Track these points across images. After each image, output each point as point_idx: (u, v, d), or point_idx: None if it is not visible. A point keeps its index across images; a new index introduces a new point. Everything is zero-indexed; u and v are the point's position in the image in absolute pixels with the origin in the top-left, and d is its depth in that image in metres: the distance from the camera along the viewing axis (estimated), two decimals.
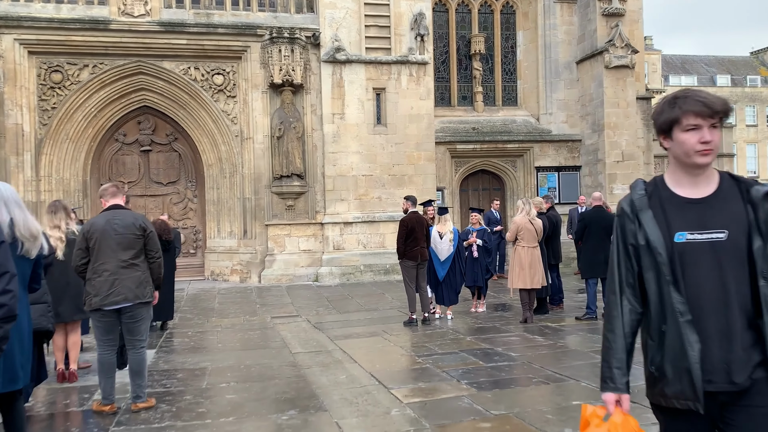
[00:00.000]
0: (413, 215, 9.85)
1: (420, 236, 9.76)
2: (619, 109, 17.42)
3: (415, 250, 9.73)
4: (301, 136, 16.20)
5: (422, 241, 9.79)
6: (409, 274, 9.81)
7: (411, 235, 9.72)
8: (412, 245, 9.72)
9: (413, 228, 9.72)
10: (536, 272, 9.36)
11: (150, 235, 5.68)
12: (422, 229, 9.83)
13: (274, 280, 15.88)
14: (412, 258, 9.74)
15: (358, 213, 16.26)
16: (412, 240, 9.73)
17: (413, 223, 9.74)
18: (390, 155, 16.45)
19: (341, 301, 12.87)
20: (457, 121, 18.44)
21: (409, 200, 10.05)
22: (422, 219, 9.96)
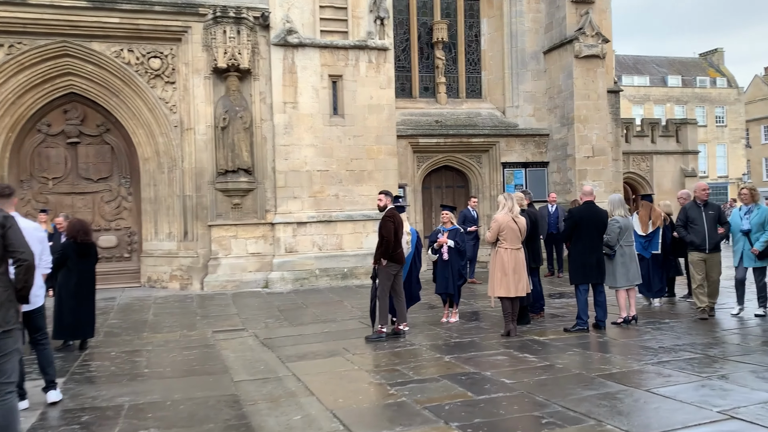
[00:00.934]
0: (396, 212, 8.52)
1: (401, 237, 8.45)
2: (589, 102, 16.44)
3: (400, 252, 8.41)
4: (249, 126, 14.64)
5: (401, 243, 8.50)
6: (390, 280, 8.45)
7: (396, 234, 8.38)
8: (396, 246, 8.38)
9: (398, 227, 8.39)
10: (521, 278, 8.11)
11: (10, 231, 4.15)
12: (401, 228, 8.51)
13: (219, 287, 14.28)
14: (398, 261, 8.42)
15: (312, 212, 14.80)
16: (396, 240, 8.40)
17: (398, 220, 8.42)
18: (348, 149, 15.04)
19: (294, 311, 11.40)
20: (419, 114, 17.16)
21: (388, 195, 8.69)
22: (401, 218, 8.62)
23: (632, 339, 7.92)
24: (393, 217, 8.37)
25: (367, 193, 15.12)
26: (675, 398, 5.19)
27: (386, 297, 8.43)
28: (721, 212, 8.98)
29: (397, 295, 8.58)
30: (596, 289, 8.40)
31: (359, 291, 13.61)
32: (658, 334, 8.11)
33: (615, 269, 8.55)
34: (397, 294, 8.57)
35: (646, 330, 8.41)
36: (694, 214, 8.88)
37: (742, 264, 9.00)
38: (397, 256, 8.36)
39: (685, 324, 8.76)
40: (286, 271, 14.46)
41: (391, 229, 8.33)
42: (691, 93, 54.76)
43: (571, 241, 8.38)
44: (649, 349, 7.25)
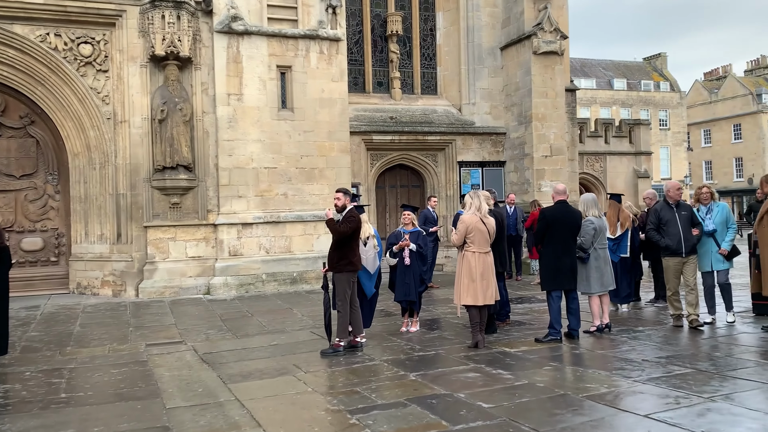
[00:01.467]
0: (357, 212, 7.66)
1: (358, 240, 7.63)
2: (547, 99, 15.97)
3: (358, 257, 7.58)
4: (190, 119, 13.54)
5: (359, 248, 7.67)
6: (349, 287, 7.60)
7: (356, 236, 7.54)
8: (354, 251, 7.54)
9: (358, 230, 7.56)
10: (489, 284, 7.39)
11: None
12: (359, 231, 7.69)
13: (156, 294, 13.12)
14: (357, 266, 7.60)
15: (259, 212, 13.81)
16: (356, 244, 7.57)
17: (359, 222, 7.59)
18: (298, 145, 14.10)
19: (239, 321, 10.42)
20: (373, 109, 16.36)
21: (347, 194, 7.80)
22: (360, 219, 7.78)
23: (611, 350, 7.29)
24: (355, 218, 7.53)
25: (318, 192, 14.23)
26: (682, 426, 4.52)
27: (346, 306, 7.57)
28: (693, 213, 8.44)
29: (352, 305, 7.74)
30: (569, 296, 7.76)
31: (310, 297, 12.70)
32: (637, 344, 7.51)
33: (589, 274, 7.93)
34: (353, 303, 7.73)
35: (622, 339, 7.81)
36: (666, 216, 8.25)
37: (712, 268, 8.52)
38: (355, 262, 7.53)
39: (660, 332, 8.20)
40: (229, 276, 13.43)
41: (348, 228, 7.48)
42: (636, 96, 55.78)
43: (543, 243, 7.70)
44: (633, 362, 6.63)
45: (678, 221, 8.12)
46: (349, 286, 7.51)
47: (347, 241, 7.49)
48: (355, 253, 7.48)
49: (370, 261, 8.27)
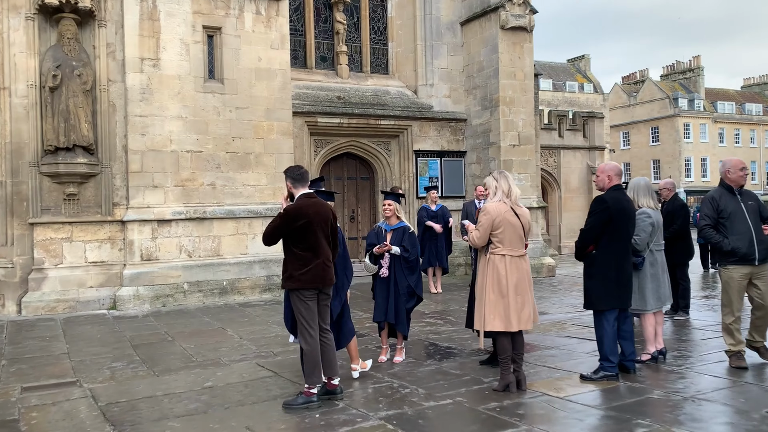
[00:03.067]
0: (308, 201, 5.26)
1: (320, 241, 5.21)
2: (515, 81, 14.09)
3: (314, 267, 5.16)
4: (91, 89, 10.72)
5: (324, 250, 5.24)
6: (308, 312, 5.21)
7: (303, 237, 5.15)
8: (307, 259, 5.15)
9: (308, 224, 5.14)
10: (526, 301, 5.25)
11: None
12: (326, 226, 5.28)
13: (45, 310, 10.24)
14: (309, 282, 5.15)
15: (180, 206, 11.15)
16: (305, 247, 5.16)
17: (309, 214, 5.15)
18: (228, 124, 11.53)
19: (156, 347, 7.83)
20: (317, 87, 13.97)
21: (297, 179, 5.37)
22: (326, 208, 5.37)
23: (690, 393, 5.29)
24: (297, 211, 5.19)
25: (254, 183, 11.71)
26: None
27: (308, 337, 5.20)
28: (761, 203, 6.45)
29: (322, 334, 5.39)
30: (620, 315, 5.71)
31: (246, 312, 10.20)
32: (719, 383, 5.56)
33: (643, 285, 5.92)
34: (322, 332, 5.38)
35: (692, 374, 5.85)
36: (729, 206, 6.06)
37: None
38: (309, 274, 5.15)
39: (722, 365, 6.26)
40: (142, 286, 10.70)
41: (280, 231, 5.23)
42: (561, 97, 55.69)
43: (598, 244, 5.58)
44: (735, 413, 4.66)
45: (746, 214, 6.09)
46: (306, 308, 5.17)
47: (288, 245, 5.21)
48: (302, 263, 5.14)
49: None
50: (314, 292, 5.17)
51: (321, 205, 5.27)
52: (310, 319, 5.15)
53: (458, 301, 10.86)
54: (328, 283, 5.24)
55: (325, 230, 5.21)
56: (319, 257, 5.12)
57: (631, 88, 66.35)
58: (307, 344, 5.16)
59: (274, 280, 11.66)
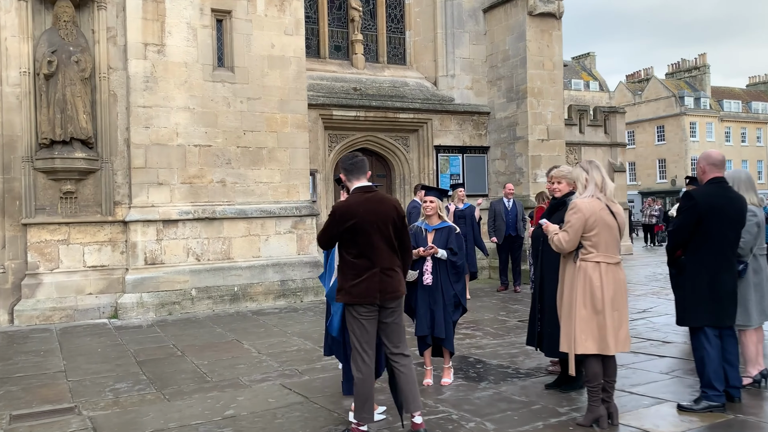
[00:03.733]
0: (360, 197, 4.32)
1: (376, 245, 4.25)
2: (544, 71, 13.20)
3: (368, 278, 4.22)
4: (90, 77, 9.81)
5: (383, 257, 4.28)
6: (361, 333, 4.28)
7: (354, 241, 4.22)
8: (361, 268, 4.22)
9: (358, 225, 4.20)
10: (623, 318, 4.34)
11: None
12: (386, 227, 4.31)
13: (40, 319, 9.33)
14: (361, 296, 4.21)
15: (187, 205, 10.24)
16: (357, 253, 4.22)
17: (358, 213, 4.21)
18: (239, 116, 10.63)
19: (164, 363, 6.92)
20: (331, 78, 13.06)
21: (350, 169, 4.42)
22: (386, 205, 4.39)
23: None
24: (346, 210, 4.26)
25: (266, 180, 10.80)
26: None
27: (367, 367, 4.26)
28: None
29: (391, 361, 4.44)
30: (722, 333, 4.80)
31: (260, 321, 9.29)
32: None
33: (746, 295, 5.02)
34: (391, 358, 4.43)
35: None
36: None
37: None
38: (360, 288, 4.20)
39: None
40: (146, 293, 9.79)
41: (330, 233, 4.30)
42: (566, 95, 54.81)
43: (687, 248, 4.69)
44: None
45: None
46: (358, 327, 4.24)
47: (340, 251, 4.38)
48: (353, 272, 4.21)
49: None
50: (371, 309, 4.22)
51: (378, 201, 4.31)
52: (363, 341, 4.23)
53: (490, 309, 9.97)
54: (389, 297, 4.25)
55: (385, 232, 4.24)
56: (374, 265, 4.18)
57: (636, 86, 65.57)
58: (358, 371, 4.24)
59: (289, 285, 10.75)
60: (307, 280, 10.96)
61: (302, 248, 11.06)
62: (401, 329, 4.37)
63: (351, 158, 4.42)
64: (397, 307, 4.33)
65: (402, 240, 4.36)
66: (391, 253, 4.28)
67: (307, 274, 10.98)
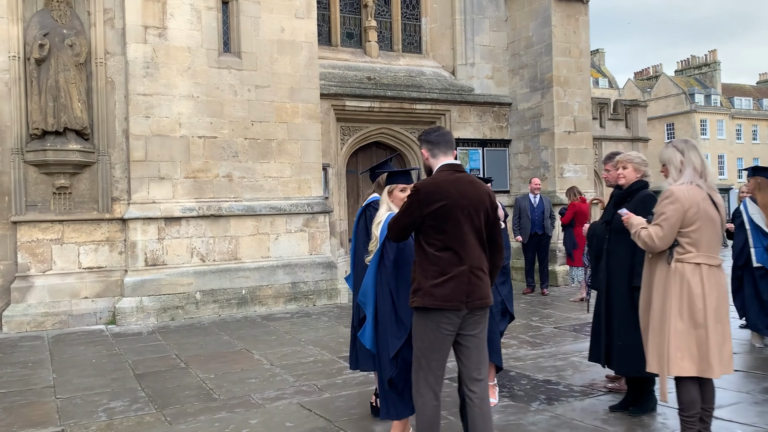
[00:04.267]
0: (451, 176, 3.43)
1: (466, 236, 3.35)
2: (570, 59, 12.39)
3: (456, 276, 3.32)
4: (85, 62, 9.05)
5: (473, 252, 3.38)
6: (433, 348, 3.40)
7: (440, 228, 3.35)
8: (446, 263, 3.35)
9: (448, 209, 3.33)
10: (726, 333, 3.53)
11: None
12: (478, 215, 3.39)
13: (31, 326, 8.57)
14: (446, 298, 3.32)
15: (191, 201, 9.47)
16: (443, 245, 3.35)
17: (450, 194, 3.33)
18: (247, 105, 9.84)
19: (165, 377, 6.14)
20: (344, 67, 12.27)
21: (436, 142, 3.52)
22: (480, 189, 3.45)
23: None
24: (430, 189, 3.41)
25: (276, 174, 10.02)
26: None
27: (432, 393, 3.41)
28: None
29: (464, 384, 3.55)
30: None
31: (270, 328, 8.51)
32: None
33: None
34: (464, 382, 3.53)
35: None
36: None
37: None
38: (444, 288, 3.34)
39: None
40: (146, 297, 9.01)
41: (407, 220, 3.41)
42: None
43: None
44: None
45: None
46: (432, 340, 3.40)
47: (419, 242, 3.43)
48: (437, 269, 3.33)
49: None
50: (453, 318, 3.33)
51: (469, 183, 3.43)
52: (434, 358, 3.36)
53: (520, 314, 9.14)
54: (478, 304, 3.36)
55: (476, 222, 3.37)
56: (463, 262, 3.31)
57: (645, 83, 64.68)
58: (421, 397, 3.38)
59: (300, 288, 9.97)
60: (320, 282, 10.17)
61: (314, 248, 10.27)
62: (484, 348, 3.49)
63: (436, 129, 3.61)
64: (481, 319, 3.45)
65: (493, 236, 3.49)
66: (481, 249, 3.43)
67: (319, 276, 10.20)
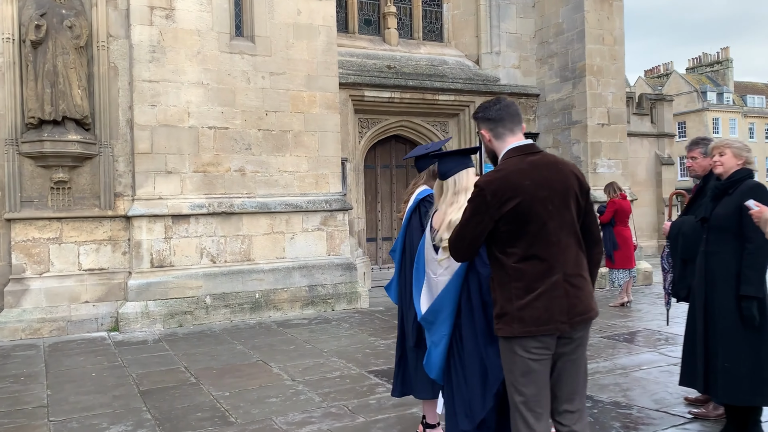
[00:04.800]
0: (522, 162, 2.65)
1: (554, 236, 2.60)
2: (603, 47, 11.60)
3: (548, 291, 2.57)
4: (86, 45, 8.31)
5: (567, 254, 2.62)
6: (528, 381, 2.63)
7: (519, 233, 2.59)
8: (533, 275, 2.59)
9: (525, 206, 2.57)
10: None
11: None
12: (566, 205, 2.64)
13: (25, 333, 7.84)
14: (538, 321, 2.57)
15: (200, 197, 8.72)
16: (526, 254, 2.59)
17: (524, 188, 2.57)
18: (261, 94, 9.10)
19: (173, 396, 5.39)
20: (362, 55, 11.52)
21: (497, 119, 2.69)
22: (562, 171, 2.70)
23: None
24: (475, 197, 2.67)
25: (292, 168, 9.27)
26: None
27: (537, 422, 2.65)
28: None
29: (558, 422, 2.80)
30: None
31: (288, 336, 7.75)
32: None
33: None
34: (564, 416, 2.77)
35: None
36: None
37: None
38: (534, 307, 2.56)
39: None
40: (152, 301, 8.27)
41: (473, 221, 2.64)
42: None
43: None
44: None
45: None
46: (526, 372, 2.64)
47: (492, 253, 2.69)
48: (521, 284, 2.57)
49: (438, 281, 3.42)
50: (547, 342, 2.62)
51: (548, 166, 2.69)
52: (531, 394, 2.63)
53: None
54: (579, 321, 2.63)
55: (566, 216, 2.64)
56: (554, 270, 2.58)
57: (656, 81, 63.81)
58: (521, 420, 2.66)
59: (318, 291, 9.23)
60: (339, 285, 9.42)
61: (333, 248, 9.53)
62: (581, 372, 2.77)
63: (496, 102, 2.83)
64: (583, 338, 2.72)
65: (588, 227, 2.75)
66: (578, 248, 2.69)
67: (338, 278, 9.45)
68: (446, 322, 2.98)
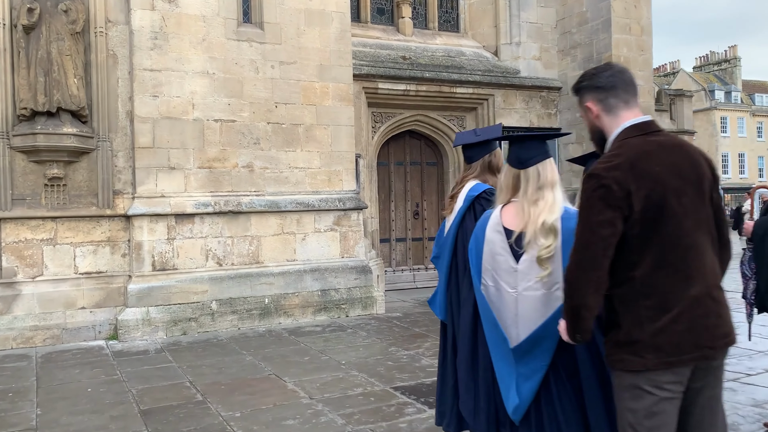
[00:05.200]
0: (645, 143, 2.05)
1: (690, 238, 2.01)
2: (630, 37, 10.98)
3: (687, 309, 1.97)
4: (83, 31, 7.71)
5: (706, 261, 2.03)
6: (662, 420, 1.99)
7: (650, 238, 2.00)
8: (667, 291, 1.98)
9: (661, 200, 1.98)
10: None
11: None
12: (701, 200, 2.05)
13: (17, 342, 7.24)
14: (677, 350, 1.97)
15: (206, 195, 8.12)
16: (658, 263, 1.99)
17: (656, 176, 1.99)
18: (270, 84, 8.49)
19: (177, 417, 4.78)
20: (375, 45, 10.91)
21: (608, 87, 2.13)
22: (694, 154, 2.10)
23: None
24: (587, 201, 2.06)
25: (303, 165, 8.67)
26: None
27: None
28: None
29: None
30: None
31: (301, 345, 7.14)
32: None
33: None
34: None
35: None
36: None
37: None
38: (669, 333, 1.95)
39: None
40: (154, 307, 7.66)
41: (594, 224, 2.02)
42: None
43: None
44: None
45: None
46: (649, 416, 2.03)
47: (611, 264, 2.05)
48: (651, 303, 1.98)
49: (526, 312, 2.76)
50: (683, 375, 2.02)
51: (678, 148, 2.12)
52: None
53: None
54: (720, 345, 2.04)
55: (701, 210, 2.07)
56: (693, 281, 2.00)
57: (663, 80, 63.17)
58: None
59: (331, 296, 8.62)
60: (353, 289, 8.82)
61: (346, 250, 8.92)
62: (722, 413, 2.16)
63: (605, 68, 2.24)
64: (720, 368, 2.12)
65: (719, 225, 2.15)
66: (713, 252, 2.10)
67: (352, 282, 8.84)
68: (548, 352, 2.36)
